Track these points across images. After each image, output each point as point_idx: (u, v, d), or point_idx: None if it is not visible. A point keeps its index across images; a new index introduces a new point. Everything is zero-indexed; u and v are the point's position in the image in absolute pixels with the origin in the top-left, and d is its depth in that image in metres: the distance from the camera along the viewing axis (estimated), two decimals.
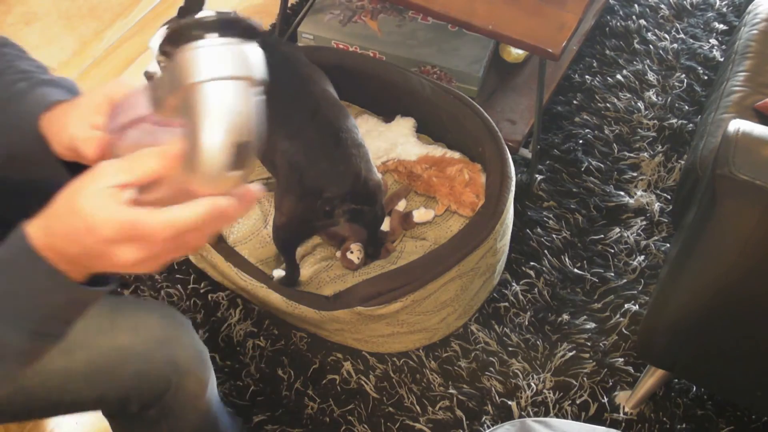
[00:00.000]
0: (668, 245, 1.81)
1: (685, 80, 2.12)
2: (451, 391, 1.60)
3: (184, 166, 0.60)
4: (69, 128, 0.77)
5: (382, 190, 1.51)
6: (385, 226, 1.67)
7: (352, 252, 1.60)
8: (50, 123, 0.80)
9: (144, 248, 0.61)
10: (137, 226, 0.60)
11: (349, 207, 1.43)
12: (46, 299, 0.66)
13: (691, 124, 2.03)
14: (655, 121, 2.04)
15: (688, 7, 2.31)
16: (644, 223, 1.86)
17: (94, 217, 0.60)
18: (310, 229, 1.60)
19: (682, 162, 1.95)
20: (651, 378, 1.50)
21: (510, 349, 1.66)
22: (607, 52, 2.19)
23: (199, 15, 0.59)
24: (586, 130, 2.02)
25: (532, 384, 1.61)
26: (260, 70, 0.60)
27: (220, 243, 1.61)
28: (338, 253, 1.65)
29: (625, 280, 1.76)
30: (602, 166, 1.95)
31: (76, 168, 0.80)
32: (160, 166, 0.61)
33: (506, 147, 1.64)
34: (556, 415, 1.57)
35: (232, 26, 0.60)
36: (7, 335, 0.66)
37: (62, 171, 0.82)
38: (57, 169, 0.82)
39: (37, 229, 0.64)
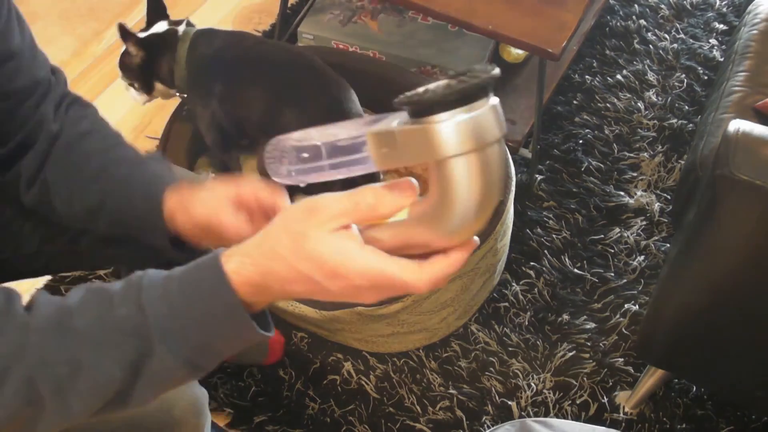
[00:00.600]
0: (668, 245, 1.82)
1: (685, 80, 2.12)
2: (451, 391, 1.60)
3: (423, 220, 0.60)
4: (208, 208, 0.86)
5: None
6: None
7: None
8: (179, 201, 0.89)
9: (394, 293, 0.61)
10: (398, 280, 0.59)
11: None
12: (218, 329, 0.64)
13: (691, 124, 2.03)
14: (655, 121, 2.04)
15: (688, 7, 2.31)
16: (644, 223, 1.86)
17: (343, 265, 0.59)
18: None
19: (682, 162, 1.95)
20: (651, 378, 1.50)
21: (510, 349, 1.66)
22: (607, 52, 2.19)
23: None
24: (586, 130, 2.02)
25: (532, 384, 1.61)
26: (503, 121, 0.58)
27: None
28: None
29: (625, 280, 1.76)
30: (602, 166, 1.96)
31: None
32: (391, 209, 0.61)
33: (506, 147, 1.64)
34: (556, 415, 1.57)
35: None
36: (163, 355, 0.63)
37: (164, 238, 0.91)
38: (159, 233, 0.91)
39: (242, 266, 0.62)
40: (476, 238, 0.62)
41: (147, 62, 1.58)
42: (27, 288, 1.65)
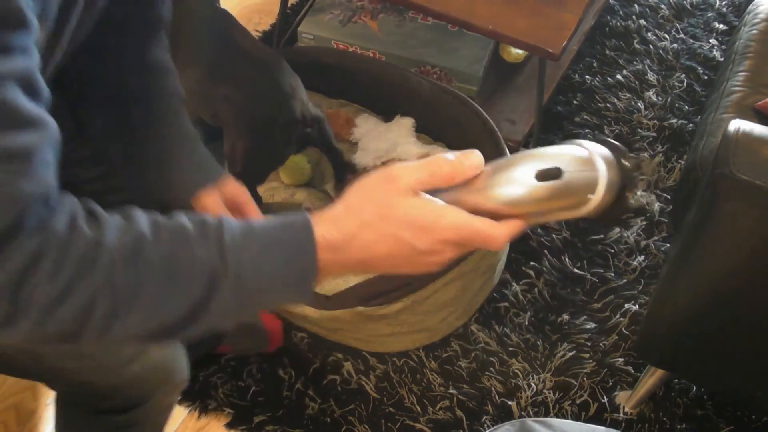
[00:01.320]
0: (668, 245, 1.81)
1: (685, 80, 2.12)
2: (451, 391, 1.60)
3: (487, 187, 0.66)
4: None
5: (321, 114, 1.60)
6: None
7: None
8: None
9: (463, 249, 0.66)
10: (483, 231, 0.64)
11: (300, 132, 1.54)
12: (284, 286, 0.65)
13: (691, 124, 2.03)
14: (655, 121, 2.04)
15: (688, 7, 2.31)
16: (644, 223, 1.85)
17: (435, 221, 0.63)
18: (267, 168, 1.67)
19: (682, 162, 1.95)
20: (651, 378, 1.50)
21: (510, 349, 1.66)
22: (607, 52, 2.19)
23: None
24: (586, 130, 2.02)
25: (532, 384, 1.61)
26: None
27: None
28: None
29: (625, 280, 1.76)
30: None
31: None
32: (463, 178, 0.66)
33: (506, 147, 1.64)
34: (556, 415, 1.57)
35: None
36: (225, 300, 0.63)
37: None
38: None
39: (328, 231, 0.65)
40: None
41: None
42: None
